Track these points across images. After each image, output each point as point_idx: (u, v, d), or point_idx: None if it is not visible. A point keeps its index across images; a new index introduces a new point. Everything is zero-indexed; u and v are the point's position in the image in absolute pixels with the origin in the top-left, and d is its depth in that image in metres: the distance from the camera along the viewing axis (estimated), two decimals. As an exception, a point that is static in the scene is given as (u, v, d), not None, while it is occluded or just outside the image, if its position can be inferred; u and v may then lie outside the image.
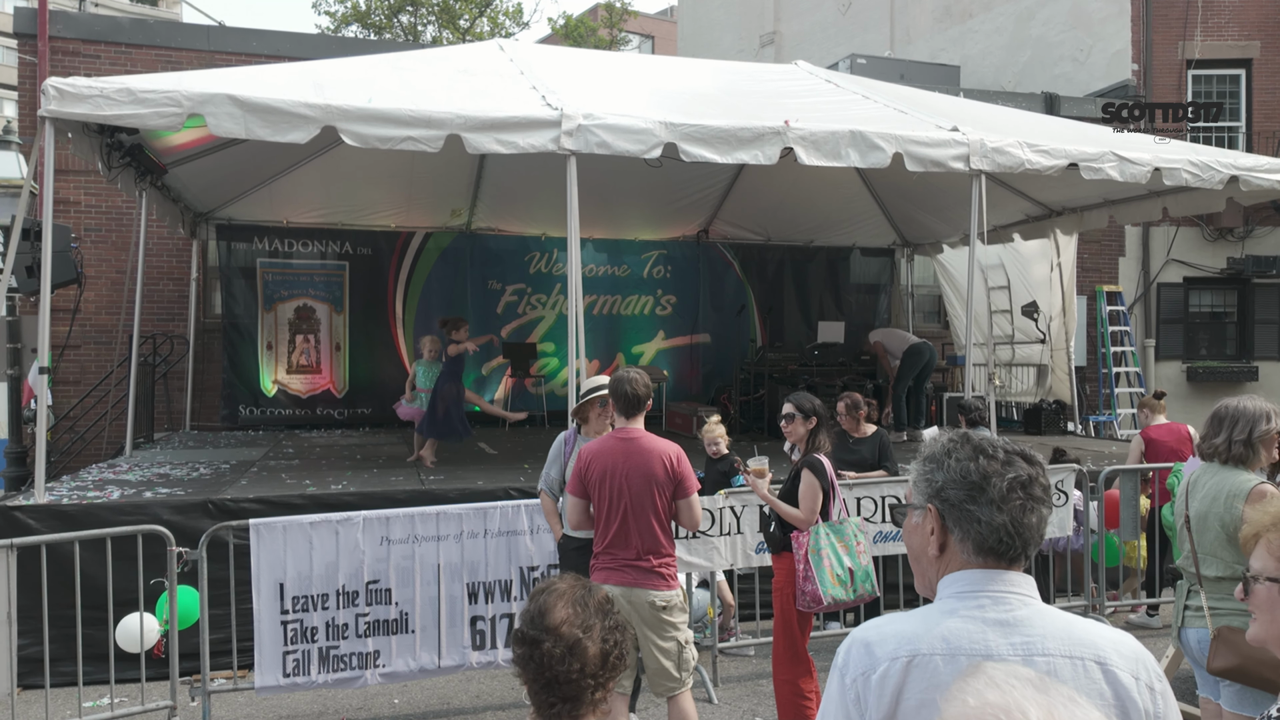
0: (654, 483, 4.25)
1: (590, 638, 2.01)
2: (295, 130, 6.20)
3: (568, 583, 2.12)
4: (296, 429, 11.62)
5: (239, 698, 5.65)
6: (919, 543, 1.74)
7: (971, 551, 1.66)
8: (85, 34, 11.33)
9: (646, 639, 4.25)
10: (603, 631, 2.04)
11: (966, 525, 1.66)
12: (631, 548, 4.23)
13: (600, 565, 4.30)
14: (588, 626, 2.02)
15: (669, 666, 4.25)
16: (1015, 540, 1.64)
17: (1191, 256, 15.02)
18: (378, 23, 28.50)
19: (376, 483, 7.22)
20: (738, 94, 8.63)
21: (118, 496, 6.49)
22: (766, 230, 13.54)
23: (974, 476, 1.66)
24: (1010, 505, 1.64)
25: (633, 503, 4.23)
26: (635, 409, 4.41)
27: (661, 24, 38.67)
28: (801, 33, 21.27)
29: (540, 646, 2.00)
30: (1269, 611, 2.05)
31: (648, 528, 4.24)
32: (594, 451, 4.36)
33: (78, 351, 11.18)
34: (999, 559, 1.65)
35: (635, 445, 4.32)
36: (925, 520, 1.72)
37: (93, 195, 11.24)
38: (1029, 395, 12.74)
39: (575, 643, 2.00)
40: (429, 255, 12.48)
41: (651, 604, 4.23)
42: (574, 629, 2.01)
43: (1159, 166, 7.71)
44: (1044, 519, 1.68)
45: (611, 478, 4.25)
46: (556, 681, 2.00)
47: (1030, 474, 1.67)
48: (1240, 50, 15.08)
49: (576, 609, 2.04)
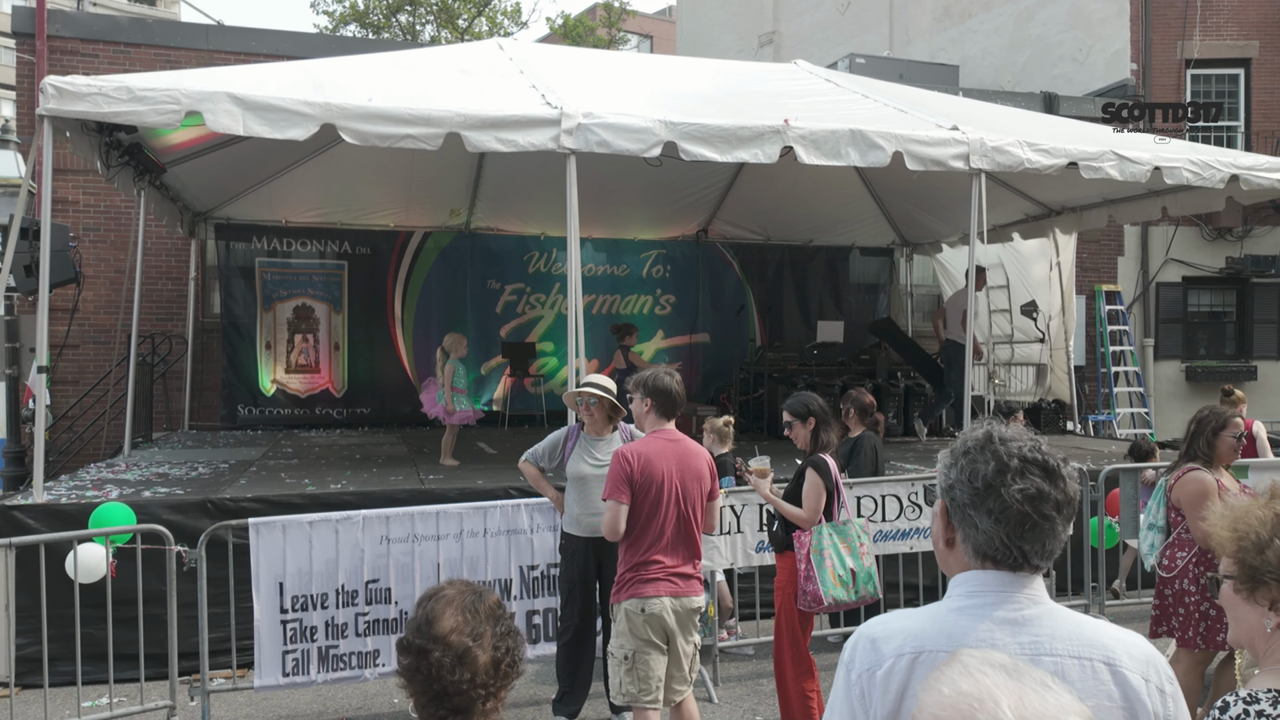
0: (702, 485, 4.20)
1: (481, 646, 1.91)
2: (294, 128, 6.18)
3: (457, 588, 2.02)
4: (295, 428, 11.60)
5: (238, 697, 5.63)
6: (935, 531, 1.73)
7: (971, 554, 1.64)
8: (83, 33, 11.31)
9: (676, 643, 4.14)
10: (494, 639, 1.94)
11: (966, 528, 1.64)
12: (681, 553, 4.12)
13: (647, 575, 4.08)
14: (478, 634, 1.92)
15: (688, 669, 4.20)
16: (1013, 551, 1.59)
17: (1190, 256, 15.02)
18: (376, 22, 28.48)
19: (376, 482, 7.21)
20: (737, 93, 8.62)
21: (116, 496, 6.47)
22: (766, 230, 13.53)
23: (979, 483, 1.62)
24: (1009, 518, 1.59)
25: (686, 506, 4.13)
26: (673, 409, 4.31)
27: (660, 24, 38.67)
28: (800, 32, 21.27)
29: (428, 656, 1.90)
30: (1230, 611, 2.02)
31: (692, 534, 4.17)
32: (644, 454, 4.12)
33: (76, 351, 11.16)
34: (998, 565, 1.61)
35: (683, 446, 4.22)
36: (940, 512, 1.71)
37: (91, 194, 11.22)
38: (1028, 395, 12.74)
39: (465, 651, 1.90)
40: (428, 255, 12.47)
41: (698, 609, 4.18)
42: (463, 637, 1.91)
43: (1159, 165, 7.70)
44: (1054, 533, 1.60)
45: (668, 481, 4.10)
46: (446, 693, 1.90)
47: (1040, 489, 1.59)
48: (1239, 50, 15.08)
49: (466, 616, 1.94)
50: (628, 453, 4.13)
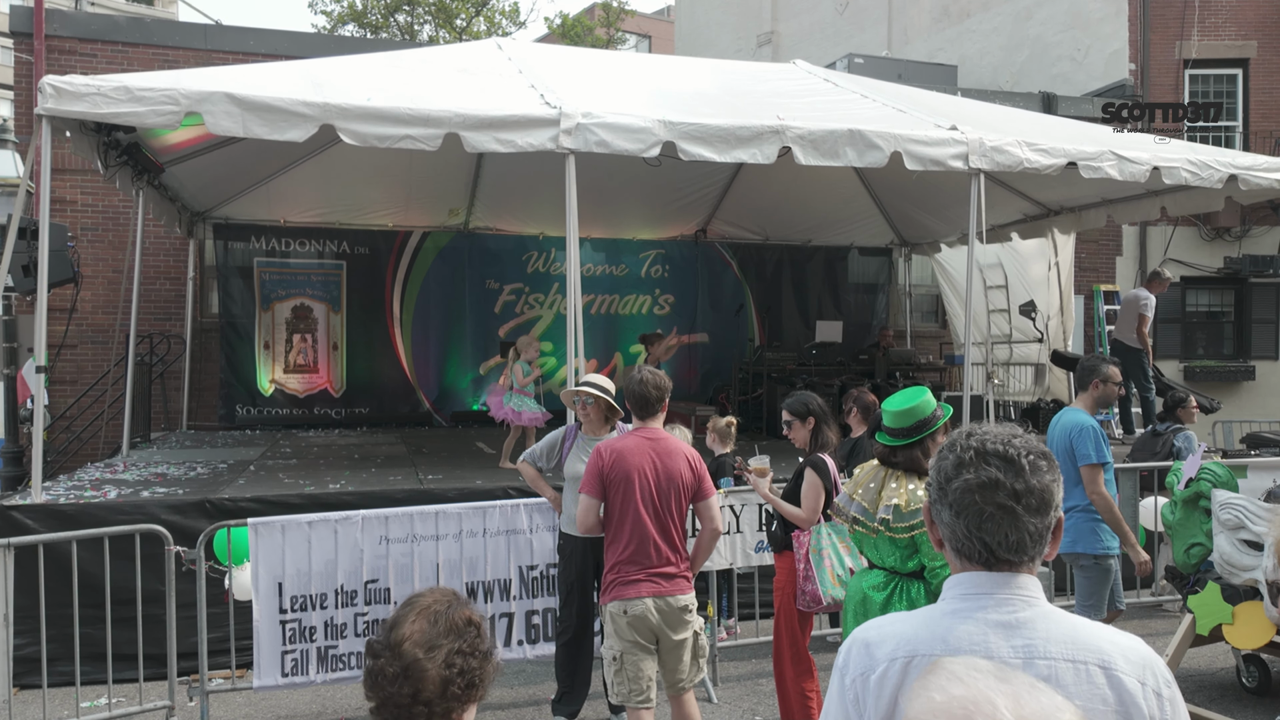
0: (681, 485, 4.17)
1: (431, 659, 1.77)
2: (293, 128, 6.18)
3: (434, 596, 1.88)
4: (294, 429, 11.59)
5: (237, 697, 5.63)
6: (928, 532, 1.73)
7: (950, 552, 1.63)
8: (82, 33, 11.30)
9: (669, 640, 4.13)
10: (449, 655, 1.78)
11: (939, 524, 1.64)
12: (659, 554, 4.09)
13: (628, 577, 4.08)
14: (432, 646, 1.78)
15: (687, 660, 4.17)
16: (975, 544, 1.57)
17: (1188, 256, 15.03)
18: (374, 22, 28.45)
19: (375, 482, 7.20)
20: (736, 93, 8.62)
21: (115, 496, 6.47)
22: (764, 230, 13.53)
23: (940, 476, 1.62)
24: (966, 509, 1.57)
25: (661, 504, 4.12)
26: (647, 409, 4.32)
27: (658, 23, 38.66)
28: (799, 32, 21.27)
29: (376, 662, 1.80)
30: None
31: (671, 533, 4.14)
32: (618, 450, 4.16)
33: (74, 351, 11.15)
34: (972, 562, 1.59)
35: (661, 445, 4.21)
36: (925, 510, 1.71)
37: (89, 194, 11.21)
38: (1027, 394, 12.74)
39: (413, 663, 1.76)
40: (427, 254, 12.46)
41: (684, 607, 4.14)
42: (415, 648, 1.78)
43: (1158, 165, 7.70)
44: (1016, 525, 1.56)
45: (641, 479, 4.10)
46: (387, 704, 1.79)
47: (993, 478, 1.56)
48: (1237, 50, 15.09)
49: (425, 625, 1.81)
50: (602, 448, 4.21)
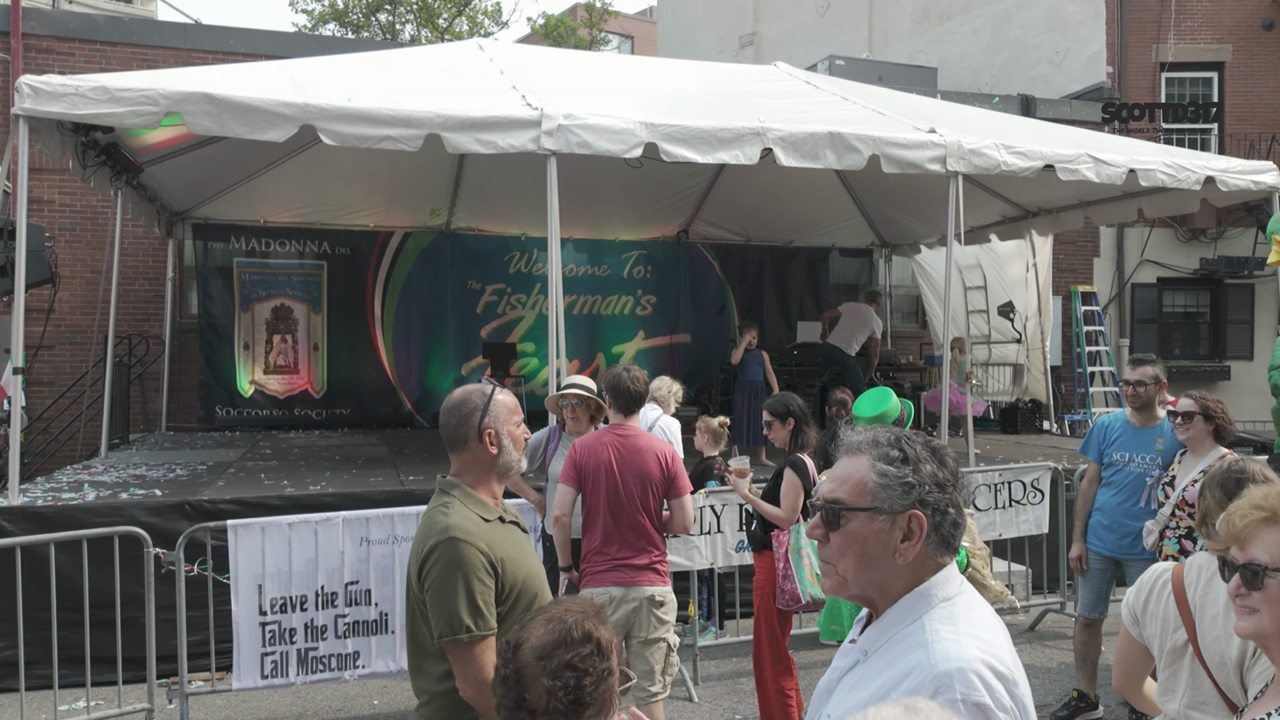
0: (648, 481, 4.21)
1: (542, 668, 1.75)
2: (273, 129, 6.16)
3: (567, 605, 1.85)
4: (274, 430, 11.54)
5: (217, 700, 5.61)
6: None
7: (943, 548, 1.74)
8: (60, 31, 11.22)
9: (638, 637, 4.16)
10: (559, 666, 1.75)
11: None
12: (626, 545, 4.15)
13: (595, 568, 4.18)
14: (544, 655, 1.76)
15: (655, 668, 4.18)
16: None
17: (1165, 257, 15.19)
18: (355, 21, 28.35)
19: (355, 483, 7.18)
20: (718, 95, 8.65)
21: (94, 498, 6.43)
22: (746, 231, 13.58)
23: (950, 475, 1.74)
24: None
25: (626, 500, 4.17)
26: (635, 406, 4.38)
27: (641, 24, 38.68)
28: (781, 34, 21.35)
29: (504, 669, 1.80)
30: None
31: (641, 525, 4.18)
32: (588, 446, 4.29)
33: (52, 352, 11.06)
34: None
35: (630, 442, 4.27)
36: None
37: (67, 194, 11.13)
38: (1005, 394, 12.85)
39: (523, 668, 1.76)
40: (408, 255, 12.43)
41: (651, 598, 4.16)
42: (529, 654, 1.76)
43: (1134, 168, 7.78)
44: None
45: (607, 473, 4.18)
46: (501, 706, 1.79)
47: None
48: (1213, 54, 15.27)
49: (545, 632, 1.79)
50: (576, 443, 4.39)
